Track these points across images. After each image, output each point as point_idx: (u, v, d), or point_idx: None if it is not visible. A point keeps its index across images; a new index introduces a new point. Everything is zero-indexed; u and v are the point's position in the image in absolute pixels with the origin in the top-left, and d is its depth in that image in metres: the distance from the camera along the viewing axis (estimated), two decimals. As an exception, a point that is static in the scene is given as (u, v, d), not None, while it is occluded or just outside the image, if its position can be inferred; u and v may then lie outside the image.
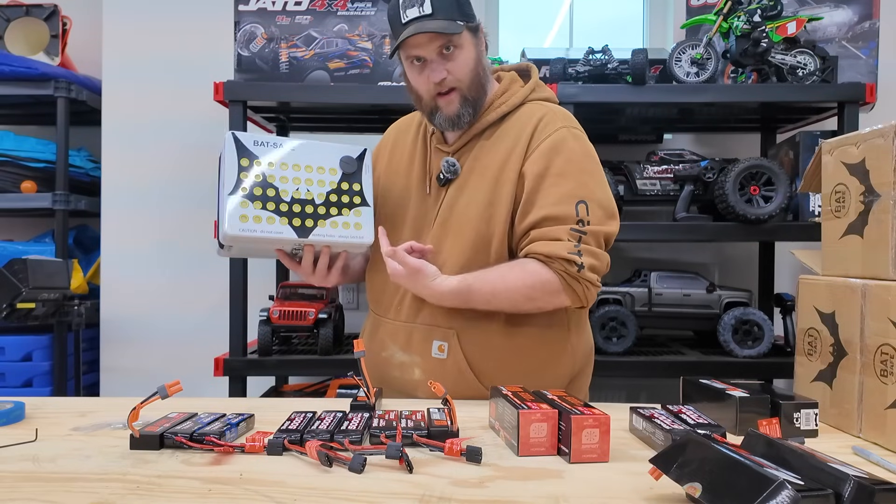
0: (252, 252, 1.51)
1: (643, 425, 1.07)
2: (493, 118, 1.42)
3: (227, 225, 1.28)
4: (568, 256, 1.29)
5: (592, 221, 1.32)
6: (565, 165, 1.34)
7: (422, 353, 1.39)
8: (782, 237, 2.21)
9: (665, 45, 2.80)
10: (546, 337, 1.40)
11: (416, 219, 1.44)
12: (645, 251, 2.78)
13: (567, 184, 1.32)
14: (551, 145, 1.35)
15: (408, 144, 1.52)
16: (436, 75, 1.36)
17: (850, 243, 1.23)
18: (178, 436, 0.99)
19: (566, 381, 1.44)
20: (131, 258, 2.77)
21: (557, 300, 1.33)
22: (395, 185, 1.50)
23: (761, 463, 0.73)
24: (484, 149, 1.41)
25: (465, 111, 1.39)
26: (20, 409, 1.17)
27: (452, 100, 1.38)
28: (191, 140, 2.77)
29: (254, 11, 2.23)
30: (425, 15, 1.32)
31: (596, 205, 1.33)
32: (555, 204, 1.31)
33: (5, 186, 2.61)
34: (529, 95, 1.45)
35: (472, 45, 1.38)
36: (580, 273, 1.30)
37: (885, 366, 1.08)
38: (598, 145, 2.77)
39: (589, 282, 1.32)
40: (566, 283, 1.31)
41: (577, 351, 1.44)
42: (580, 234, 1.30)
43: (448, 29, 1.32)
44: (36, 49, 2.70)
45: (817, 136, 2.20)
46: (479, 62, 1.39)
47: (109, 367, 2.77)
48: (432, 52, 1.35)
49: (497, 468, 0.93)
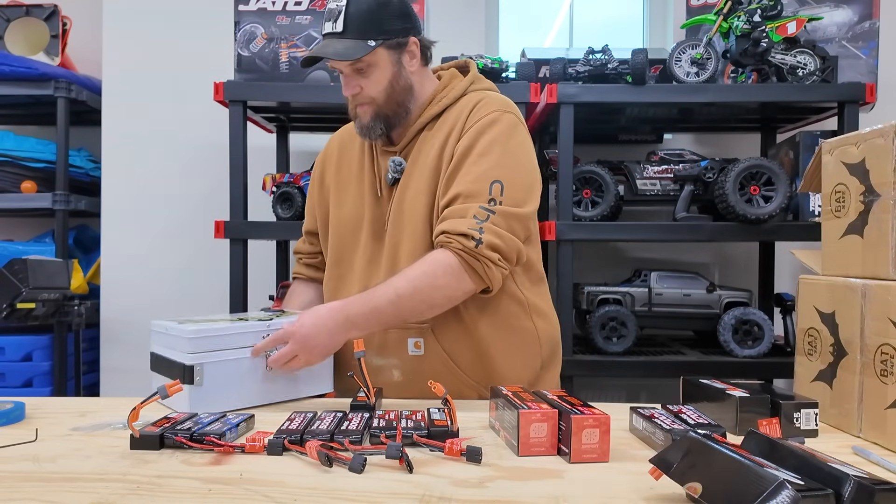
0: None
1: (643, 425, 1.07)
2: (435, 111, 1.43)
3: (190, 328, 1.21)
4: (467, 231, 1.27)
5: (506, 202, 1.30)
6: (488, 146, 1.34)
7: (398, 354, 1.40)
8: (782, 237, 2.21)
9: (665, 45, 2.80)
10: (511, 323, 1.41)
11: (372, 223, 1.45)
12: (645, 251, 2.78)
13: (486, 163, 1.33)
14: (480, 127, 1.36)
15: (355, 151, 1.53)
16: (347, 90, 1.40)
17: (850, 243, 1.23)
18: (179, 436, 0.98)
19: (538, 367, 1.46)
20: (131, 258, 2.77)
21: (463, 284, 1.30)
22: (347, 193, 1.50)
23: (761, 463, 0.73)
24: (426, 141, 1.43)
25: (377, 125, 1.40)
26: (20, 409, 1.17)
27: (367, 111, 1.40)
28: (191, 140, 2.77)
29: (254, 11, 2.23)
30: (336, 32, 1.34)
31: (513, 186, 1.32)
32: (470, 182, 1.32)
33: (5, 186, 2.61)
34: (469, 87, 1.46)
35: (389, 63, 1.38)
36: (477, 249, 1.27)
37: (885, 366, 1.08)
38: (599, 145, 2.79)
39: (489, 260, 1.28)
40: (466, 262, 1.28)
41: (543, 338, 1.46)
42: (489, 213, 1.29)
43: (345, 55, 1.33)
44: (36, 49, 2.70)
45: (817, 136, 2.20)
46: (395, 80, 1.39)
47: (109, 367, 2.77)
48: (345, 67, 1.37)
49: (497, 468, 0.93)
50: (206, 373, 1.20)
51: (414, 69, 1.42)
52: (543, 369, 1.47)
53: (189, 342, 1.19)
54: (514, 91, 2.07)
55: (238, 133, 2.16)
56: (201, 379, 1.19)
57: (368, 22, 1.33)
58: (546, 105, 2.15)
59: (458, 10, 2.73)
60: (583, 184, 2.21)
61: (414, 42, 1.40)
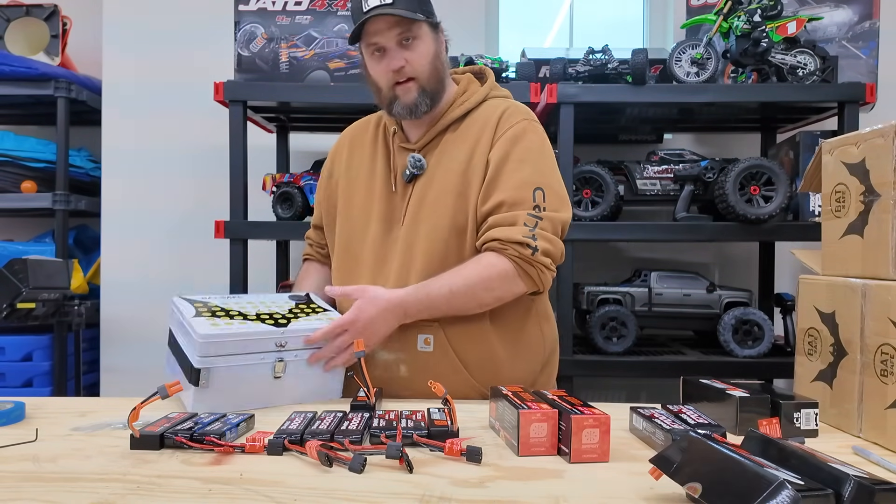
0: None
1: (643, 425, 1.07)
2: (457, 115, 1.45)
3: (201, 331, 1.18)
4: (522, 240, 1.32)
5: (549, 208, 1.36)
6: (525, 153, 1.39)
7: (407, 349, 1.40)
8: (782, 237, 2.21)
9: (665, 45, 2.80)
10: (521, 325, 1.44)
11: (383, 216, 1.45)
12: (645, 251, 2.78)
13: (526, 169, 1.37)
14: (513, 135, 1.40)
15: (366, 146, 1.54)
16: (395, 63, 1.39)
17: (850, 243, 1.23)
18: (179, 436, 0.98)
19: (539, 367, 1.48)
20: (131, 258, 2.77)
21: (515, 287, 1.36)
22: (357, 187, 1.51)
23: (761, 463, 0.73)
24: (449, 143, 1.44)
25: (423, 101, 1.41)
26: (20, 409, 1.17)
27: (410, 88, 1.40)
28: (191, 140, 2.77)
29: (254, 11, 2.23)
30: (386, 3, 1.35)
31: (552, 192, 1.38)
32: (514, 189, 1.35)
33: (5, 186, 2.61)
34: (490, 93, 1.50)
35: (432, 39, 1.42)
36: (534, 257, 1.33)
37: (885, 366, 1.08)
38: (599, 145, 2.79)
39: (543, 265, 1.35)
40: (521, 268, 1.34)
41: (547, 338, 1.50)
42: (536, 220, 1.34)
43: (408, 15, 1.35)
44: (36, 49, 2.70)
45: (817, 136, 2.20)
46: (437, 56, 1.42)
47: (109, 367, 2.77)
48: (391, 40, 1.38)
49: (497, 468, 0.93)
50: (212, 377, 1.19)
51: (444, 59, 1.46)
52: (541, 370, 1.50)
53: (199, 346, 1.19)
54: (514, 91, 2.04)
55: (238, 133, 2.16)
56: (207, 382, 1.19)
57: None
58: (546, 105, 2.15)
59: (458, 10, 2.73)
60: (583, 184, 2.21)
61: (442, 30, 1.46)
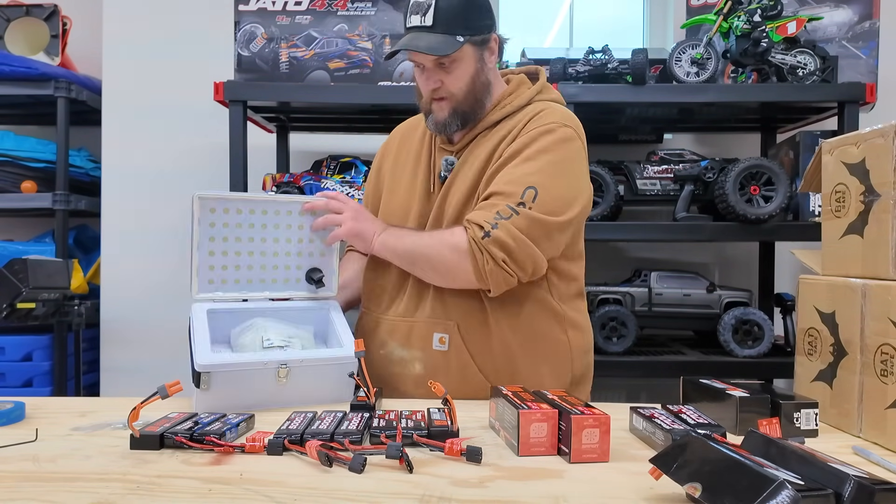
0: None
1: (643, 425, 1.07)
2: (498, 117, 1.43)
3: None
4: (482, 223, 1.29)
5: (536, 209, 1.29)
6: (535, 153, 1.34)
7: (422, 347, 1.40)
8: (782, 237, 2.21)
9: (665, 45, 2.80)
10: (542, 333, 1.40)
11: (419, 216, 1.45)
12: (645, 251, 2.78)
13: (527, 167, 1.32)
14: (533, 134, 1.36)
15: (414, 144, 1.53)
16: (430, 84, 1.39)
17: (850, 243, 1.23)
18: (179, 436, 0.98)
19: (566, 384, 1.43)
20: (131, 258, 2.77)
21: (463, 264, 1.30)
22: (400, 185, 1.51)
23: (761, 463, 0.73)
24: (479, 144, 1.43)
25: (453, 121, 1.40)
26: (20, 409, 1.17)
27: (444, 107, 1.40)
28: (191, 140, 2.77)
29: (254, 11, 2.23)
30: (425, 26, 1.33)
31: (548, 194, 1.30)
32: (506, 182, 1.32)
33: (5, 186, 2.61)
34: (535, 97, 1.45)
35: (473, 59, 1.38)
36: (483, 241, 1.27)
37: (885, 366, 1.08)
38: (599, 145, 2.79)
39: (491, 256, 1.27)
40: (471, 248, 1.29)
41: (576, 352, 1.44)
42: (512, 213, 1.28)
43: (437, 50, 1.33)
44: (36, 49, 2.70)
45: (817, 136, 2.20)
46: (477, 76, 1.39)
47: (109, 367, 2.77)
48: (429, 61, 1.37)
49: (497, 468, 0.93)
50: (213, 380, 1.19)
51: (492, 66, 1.43)
52: (573, 385, 1.45)
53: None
54: (514, 91, 2.06)
55: (238, 133, 2.16)
56: (208, 385, 1.19)
57: (457, 17, 1.33)
58: (546, 105, 2.15)
59: (458, 10, 2.72)
60: (583, 184, 2.21)
61: (495, 39, 1.41)
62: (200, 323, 1.27)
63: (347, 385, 1.30)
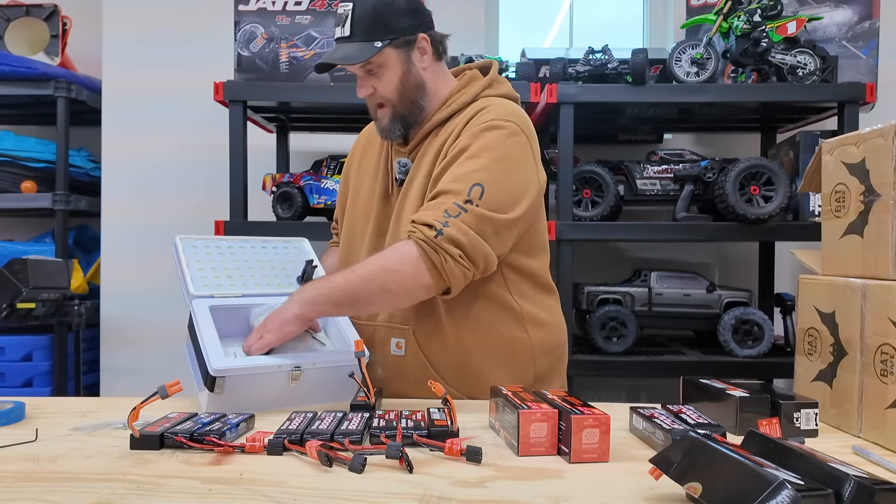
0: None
1: (643, 425, 1.07)
2: (445, 115, 1.41)
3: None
4: (431, 222, 1.24)
5: (483, 206, 1.26)
6: (479, 150, 1.31)
7: (382, 352, 1.41)
8: (782, 237, 2.21)
9: (665, 45, 2.80)
10: (498, 332, 1.38)
11: (378, 221, 1.46)
12: (645, 251, 2.78)
13: (472, 165, 1.30)
14: (476, 131, 1.33)
15: (376, 148, 1.54)
16: (363, 91, 1.40)
17: (850, 243, 1.23)
18: (178, 436, 0.98)
19: (530, 379, 1.41)
20: (131, 258, 2.77)
21: (419, 274, 1.25)
22: (363, 188, 1.52)
23: (761, 463, 0.73)
24: (430, 145, 1.42)
25: (395, 126, 1.41)
26: (20, 409, 1.17)
27: (386, 113, 1.41)
28: (191, 140, 2.77)
29: (254, 11, 2.23)
30: (344, 37, 1.35)
31: (495, 191, 1.28)
32: (452, 181, 1.29)
33: (5, 186, 2.61)
34: (482, 92, 1.43)
35: (399, 61, 1.37)
36: (436, 240, 1.23)
37: (885, 366, 1.08)
38: (599, 145, 2.79)
39: (447, 253, 1.23)
40: (425, 254, 1.24)
41: (538, 350, 1.41)
42: (460, 211, 1.25)
43: (352, 58, 1.34)
44: (36, 49, 2.70)
45: (817, 136, 2.20)
46: (406, 78, 1.38)
47: (109, 367, 2.77)
48: (357, 69, 1.38)
49: (497, 468, 0.93)
50: (227, 384, 1.19)
51: (426, 65, 1.41)
52: (537, 382, 1.41)
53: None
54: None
55: (238, 133, 2.16)
56: (223, 389, 1.19)
57: (374, 23, 1.34)
58: (546, 105, 2.15)
59: (458, 10, 2.72)
60: (583, 184, 2.21)
61: (423, 38, 1.39)
62: (206, 323, 1.27)
63: (353, 384, 1.30)
